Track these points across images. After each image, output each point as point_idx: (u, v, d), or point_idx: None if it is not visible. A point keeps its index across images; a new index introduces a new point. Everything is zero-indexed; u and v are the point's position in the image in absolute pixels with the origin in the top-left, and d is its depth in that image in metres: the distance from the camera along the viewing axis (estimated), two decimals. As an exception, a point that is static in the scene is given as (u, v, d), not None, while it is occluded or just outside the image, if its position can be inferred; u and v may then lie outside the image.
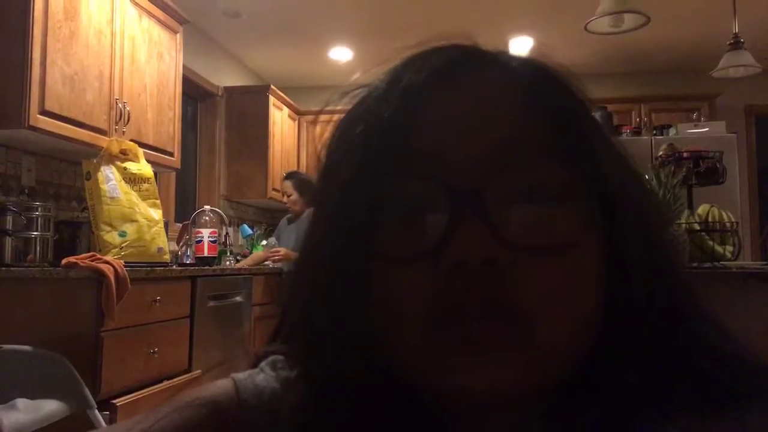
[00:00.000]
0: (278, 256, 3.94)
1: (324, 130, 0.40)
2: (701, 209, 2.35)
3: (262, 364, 0.43)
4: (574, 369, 0.34)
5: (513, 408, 0.35)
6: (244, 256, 4.38)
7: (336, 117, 0.40)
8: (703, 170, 2.49)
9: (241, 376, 0.42)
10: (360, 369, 0.34)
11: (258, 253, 4.34)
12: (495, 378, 0.32)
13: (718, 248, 2.24)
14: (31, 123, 2.38)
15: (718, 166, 2.50)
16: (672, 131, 4.74)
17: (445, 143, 0.34)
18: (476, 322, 0.32)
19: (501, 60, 0.38)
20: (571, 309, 0.33)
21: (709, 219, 2.27)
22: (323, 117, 0.43)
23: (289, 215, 4.26)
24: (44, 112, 2.44)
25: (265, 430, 0.39)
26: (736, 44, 3.59)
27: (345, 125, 0.38)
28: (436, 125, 0.34)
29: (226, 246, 4.05)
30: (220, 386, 0.42)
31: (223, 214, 4.04)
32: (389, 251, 0.33)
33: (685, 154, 2.54)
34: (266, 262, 4.14)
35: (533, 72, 0.37)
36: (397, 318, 0.33)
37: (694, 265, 2.19)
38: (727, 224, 2.30)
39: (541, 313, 0.32)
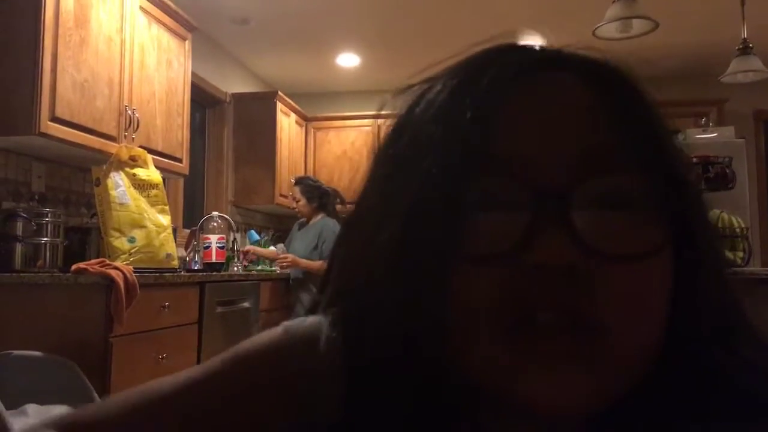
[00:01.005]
0: (286, 262, 3.94)
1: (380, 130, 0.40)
2: (711, 215, 2.34)
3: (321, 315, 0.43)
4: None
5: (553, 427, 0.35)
6: (251, 262, 4.39)
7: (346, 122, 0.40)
8: (713, 176, 2.48)
9: (291, 323, 0.43)
10: (407, 361, 0.34)
11: (268, 250, 4.34)
12: (564, 393, 0.31)
13: (729, 254, 2.23)
14: (42, 130, 2.40)
15: (727, 171, 2.50)
16: (681, 137, 4.72)
17: (531, 146, 0.34)
18: (553, 334, 0.31)
19: (579, 62, 0.37)
20: (649, 321, 0.33)
21: (719, 225, 2.26)
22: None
23: (300, 220, 4.27)
24: (55, 119, 2.46)
25: (314, 381, 0.39)
26: (745, 49, 3.58)
27: (416, 119, 0.37)
28: (521, 127, 0.34)
29: (234, 252, 4.06)
30: (268, 334, 0.42)
31: (230, 220, 4.05)
32: (469, 249, 0.33)
33: (694, 160, 2.53)
34: (274, 267, 4.15)
35: (613, 77, 0.37)
36: (470, 316, 0.33)
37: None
38: (737, 230, 2.29)
39: (620, 324, 0.32)
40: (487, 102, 0.34)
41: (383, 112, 0.41)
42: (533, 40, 0.39)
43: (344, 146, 5.49)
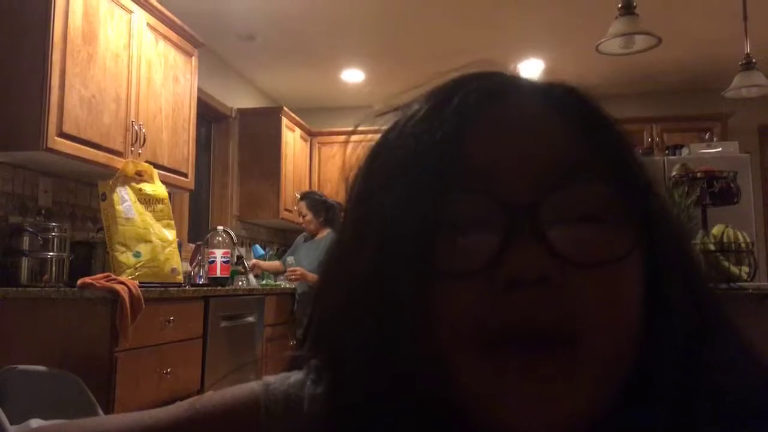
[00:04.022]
0: (295, 275, 3.93)
1: (352, 152, 0.40)
2: (716, 230, 2.33)
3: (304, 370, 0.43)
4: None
5: None
6: (257, 276, 4.39)
7: (357, 138, 0.41)
8: (717, 190, 2.48)
9: (272, 379, 0.42)
10: (396, 392, 0.34)
11: (276, 263, 4.35)
12: (545, 408, 0.31)
13: (734, 269, 2.22)
14: (50, 145, 2.42)
15: (732, 186, 2.49)
16: (684, 151, 4.72)
17: (501, 160, 0.34)
18: (529, 348, 0.31)
19: (538, 85, 0.39)
20: (623, 327, 0.33)
21: (724, 239, 2.25)
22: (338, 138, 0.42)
23: (305, 234, 4.27)
24: (62, 135, 2.48)
25: None
26: (748, 64, 3.59)
27: (385, 149, 0.38)
28: (490, 143, 0.35)
29: (241, 266, 4.06)
30: (248, 389, 0.42)
31: (232, 234, 4.04)
32: (443, 267, 0.33)
33: (699, 174, 2.54)
34: (279, 280, 4.15)
35: (572, 97, 0.38)
36: (447, 340, 0.33)
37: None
38: (743, 245, 2.28)
39: (595, 332, 0.32)
40: (459, 121, 0.35)
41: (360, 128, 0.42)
42: (521, 70, 0.41)
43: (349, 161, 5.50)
